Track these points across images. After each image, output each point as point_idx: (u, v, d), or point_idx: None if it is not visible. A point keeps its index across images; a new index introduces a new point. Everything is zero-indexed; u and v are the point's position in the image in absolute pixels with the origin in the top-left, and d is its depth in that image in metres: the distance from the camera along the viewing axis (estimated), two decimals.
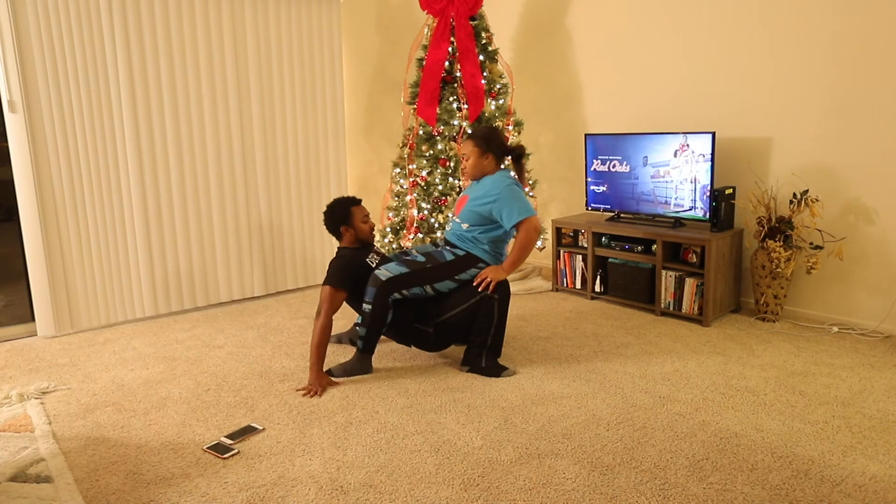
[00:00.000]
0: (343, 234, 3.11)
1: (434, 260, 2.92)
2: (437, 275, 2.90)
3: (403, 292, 2.87)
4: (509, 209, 2.83)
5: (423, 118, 4.22)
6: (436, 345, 3.05)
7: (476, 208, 2.92)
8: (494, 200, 2.86)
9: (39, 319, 3.59)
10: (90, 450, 2.33)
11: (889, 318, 3.35)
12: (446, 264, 2.91)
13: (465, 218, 2.98)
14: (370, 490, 2.03)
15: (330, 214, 3.11)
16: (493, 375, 2.92)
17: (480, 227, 2.94)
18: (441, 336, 3.00)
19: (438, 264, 2.91)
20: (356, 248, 3.13)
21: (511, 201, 2.82)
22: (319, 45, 4.46)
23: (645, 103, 4.26)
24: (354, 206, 3.13)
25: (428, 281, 2.89)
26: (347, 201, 3.13)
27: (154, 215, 3.89)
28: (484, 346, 2.94)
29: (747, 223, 3.82)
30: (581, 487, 2.02)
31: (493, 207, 2.86)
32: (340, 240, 3.15)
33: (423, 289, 2.90)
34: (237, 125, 4.13)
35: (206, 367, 3.13)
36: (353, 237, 3.12)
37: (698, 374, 2.91)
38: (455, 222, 3.05)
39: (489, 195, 2.88)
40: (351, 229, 3.10)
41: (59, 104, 3.49)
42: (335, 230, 3.12)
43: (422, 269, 2.89)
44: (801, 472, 2.08)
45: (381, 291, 2.83)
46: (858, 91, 3.31)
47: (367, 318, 2.86)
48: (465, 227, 2.97)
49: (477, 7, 4.17)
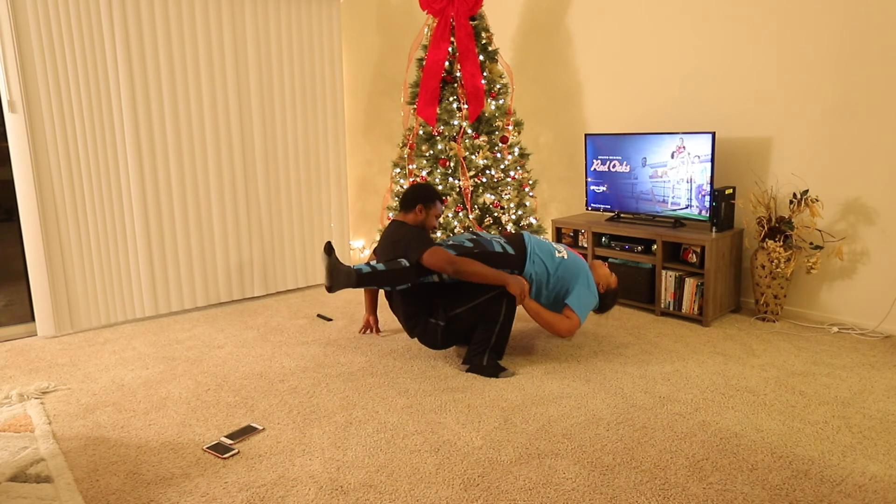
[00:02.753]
0: (416, 212, 3.11)
1: (481, 247, 3.00)
2: (482, 261, 2.94)
3: (444, 276, 2.94)
4: (577, 297, 3.01)
5: (423, 118, 4.22)
6: (442, 341, 3.04)
7: (579, 266, 3.08)
8: (589, 286, 3.06)
9: (39, 319, 3.59)
10: (90, 450, 2.33)
11: (889, 318, 3.35)
12: (493, 254, 2.98)
13: (571, 260, 3.11)
14: (370, 490, 2.03)
15: (419, 190, 3.14)
16: (492, 375, 2.92)
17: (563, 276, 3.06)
18: (450, 330, 2.99)
19: (485, 252, 2.98)
20: (412, 225, 3.11)
21: (583, 293, 3.02)
22: (319, 45, 4.46)
23: (645, 103, 4.26)
24: (440, 201, 3.19)
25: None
26: (438, 194, 3.19)
27: (154, 215, 3.89)
28: (487, 344, 2.94)
29: (747, 223, 3.82)
30: (581, 487, 2.02)
31: (569, 285, 3.05)
32: (406, 213, 3.13)
33: None
34: (237, 125, 4.13)
35: (206, 367, 3.13)
36: (419, 220, 3.12)
37: (698, 374, 2.91)
38: (556, 246, 3.15)
39: (590, 282, 3.08)
40: (425, 212, 3.12)
41: (59, 104, 3.49)
42: (412, 204, 3.11)
43: (469, 253, 2.95)
44: (801, 472, 2.08)
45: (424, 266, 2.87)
46: (859, 91, 3.31)
47: (394, 266, 2.89)
48: (562, 257, 3.08)
49: (477, 7, 4.17)
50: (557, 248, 3.14)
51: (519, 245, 3.07)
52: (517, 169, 4.28)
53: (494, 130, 4.24)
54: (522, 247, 3.06)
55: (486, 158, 4.22)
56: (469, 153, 4.22)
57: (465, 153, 4.21)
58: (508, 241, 3.08)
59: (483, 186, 4.24)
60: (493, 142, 4.24)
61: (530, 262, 3.03)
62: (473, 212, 4.29)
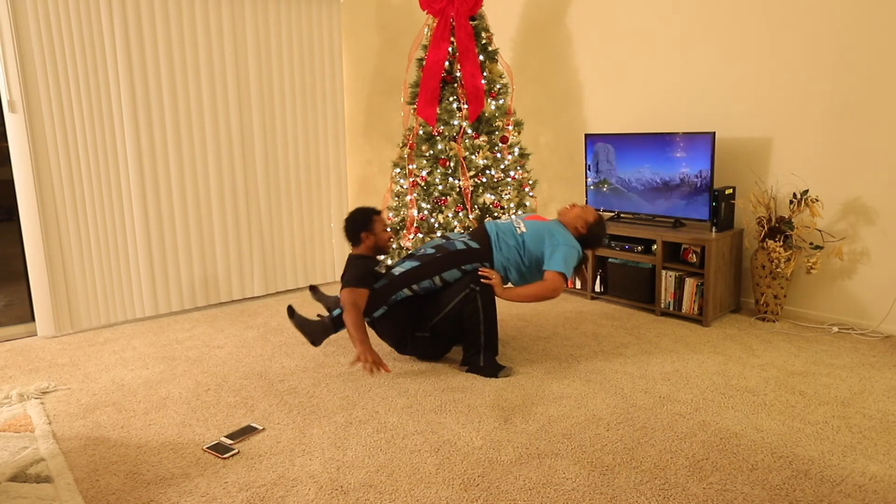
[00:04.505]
0: (363, 240, 3.15)
1: (444, 250, 2.98)
2: (446, 263, 2.93)
3: (414, 287, 2.93)
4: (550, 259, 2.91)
5: (423, 118, 4.22)
6: (433, 351, 3.09)
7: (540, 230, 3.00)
8: (555, 244, 2.94)
9: (39, 319, 3.59)
10: (90, 450, 2.33)
11: (889, 318, 3.35)
12: (456, 252, 2.96)
13: (531, 229, 3.02)
14: (370, 490, 2.03)
15: (352, 221, 3.16)
16: (491, 375, 2.92)
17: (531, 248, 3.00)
18: (438, 339, 3.03)
19: (448, 253, 2.96)
20: (368, 256, 3.17)
21: (555, 253, 2.91)
22: (319, 45, 4.46)
23: (645, 103, 4.26)
24: (376, 214, 3.21)
25: (437, 271, 2.93)
26: (370, 210, 3.21)
27: (154, 215, 3.89)
28: (478, 344, 2.94)
29: (747, 223, 3.82)
30: (581, 487, 2.02)
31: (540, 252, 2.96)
32: (357, 246, 3.19)
33: (432, 281, 2.94)
34: (237, 125, 4.13)
35: (206, 367, 3.13)
36: (371, 244, 3.17)
37: (698, 374, 2.91)
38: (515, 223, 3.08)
39: (554, 238, 2.97)
40: (371, 236, 3.15)
41: (59, 104, 3.49)
42: (355, 236, 3.15)
43: (431, 259, 2.95)
44: (801, 472, 2.08)
45: (392, 285, 2.92)
46: (859, 91, 3.31)
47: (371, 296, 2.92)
48: (522, 232, 3.02)
49: (477, 7, 4.17)
50: (516, 223, 3.09)
51: (482, 237, 3.03)
52: (517, 169, 4.28)
53: (494, 130, 4.24)
54: (486, 238, 3.02)
55: (486, 158, 4.22)
56: (469, 153, 4.22)
57: (465, 153, 4.21)
58: (472, 237, 3.06)
59: (483, 186, 4.24)
60: (493, 142, 4.24)
61: (497, 251, 2.98)
62: (473, 212, 4.29)
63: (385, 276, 3.00)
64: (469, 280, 2.89)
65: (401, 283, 2.94)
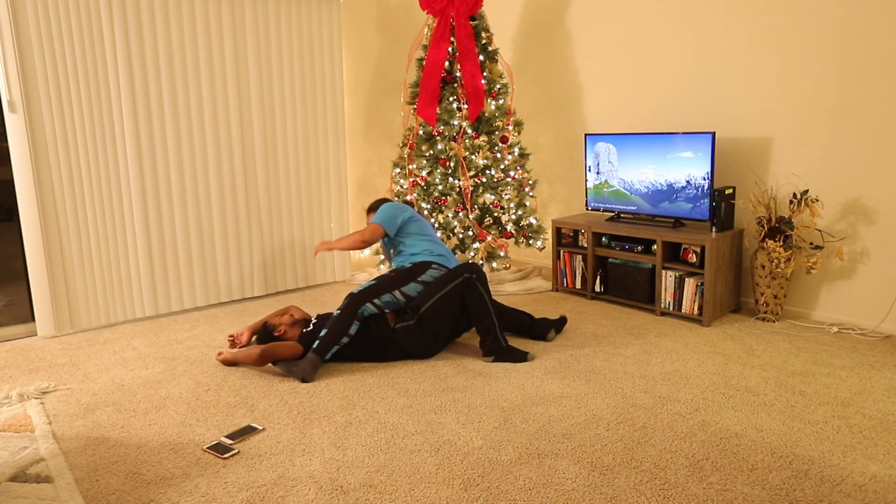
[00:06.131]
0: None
1: (398, 271, 3.25)
2: (402, 279, 3.18)
3: (375, 301, 3.10)
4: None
5: (423, 118, 4.22)
6: (419, 344, 3.08)
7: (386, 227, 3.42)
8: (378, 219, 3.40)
9: (39, 319, 3.59)
10: (90, 450, 2.33)
11: (889, 318, 3.35)
12: (407, 270, 3.23)
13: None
14: (370, 490, 2.03)
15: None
16: (521, 359, 3.07)
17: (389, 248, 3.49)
18: (423, 330, 3.06)
19: (402, 271, 3.23)
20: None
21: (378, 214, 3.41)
22: (319, 45, 4.46)
23: (645, 103, 4.26)
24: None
25: (394, 286, 3.15)
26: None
27: (154, 215, 3.89)
28: (494, 328, 3.08)
29: (747, 223, 3.82)
30: (581, 487, 2.02)
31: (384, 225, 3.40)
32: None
33: (392, 295, 3.14)
34: (237, 125, 4.13)
35: (206, 367, 3.13)
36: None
37: (698, 374, 2.91)
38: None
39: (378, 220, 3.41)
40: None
41: (59, 104, 3.49)
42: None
43: (387, 278, 3.19)
44: (801, 472, 2.08)
45: (353, 301, 3.07)
46: (859, 91, 3.31)
47: (332, 321, 3.03)
48: (393, 254, 3.49)
49: (477, 7, 4.18)
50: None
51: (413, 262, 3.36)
52: (517, 169, 4.28)
53: (494, 130, 4.25)
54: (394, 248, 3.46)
55: (486, 158, 4.22)
56: (469, 153, 4.22)
57: (465, 153, 4.21)
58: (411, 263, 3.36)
59: (483, 186, 4.25)
60: (493, 142, 4.25)
61: (410, 258, 3.34)
62: (473, 212, 4.29)
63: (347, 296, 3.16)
64: (463, 269, 3.08)
65: (362, 298, 3.08)
